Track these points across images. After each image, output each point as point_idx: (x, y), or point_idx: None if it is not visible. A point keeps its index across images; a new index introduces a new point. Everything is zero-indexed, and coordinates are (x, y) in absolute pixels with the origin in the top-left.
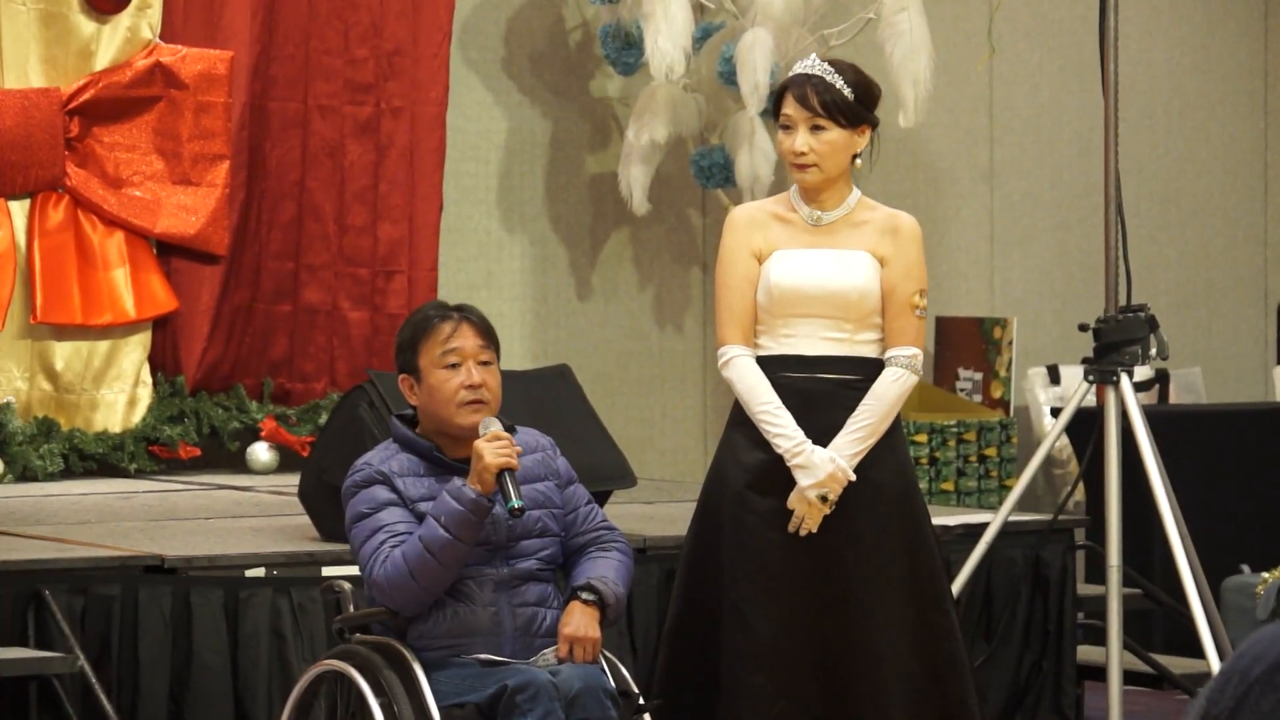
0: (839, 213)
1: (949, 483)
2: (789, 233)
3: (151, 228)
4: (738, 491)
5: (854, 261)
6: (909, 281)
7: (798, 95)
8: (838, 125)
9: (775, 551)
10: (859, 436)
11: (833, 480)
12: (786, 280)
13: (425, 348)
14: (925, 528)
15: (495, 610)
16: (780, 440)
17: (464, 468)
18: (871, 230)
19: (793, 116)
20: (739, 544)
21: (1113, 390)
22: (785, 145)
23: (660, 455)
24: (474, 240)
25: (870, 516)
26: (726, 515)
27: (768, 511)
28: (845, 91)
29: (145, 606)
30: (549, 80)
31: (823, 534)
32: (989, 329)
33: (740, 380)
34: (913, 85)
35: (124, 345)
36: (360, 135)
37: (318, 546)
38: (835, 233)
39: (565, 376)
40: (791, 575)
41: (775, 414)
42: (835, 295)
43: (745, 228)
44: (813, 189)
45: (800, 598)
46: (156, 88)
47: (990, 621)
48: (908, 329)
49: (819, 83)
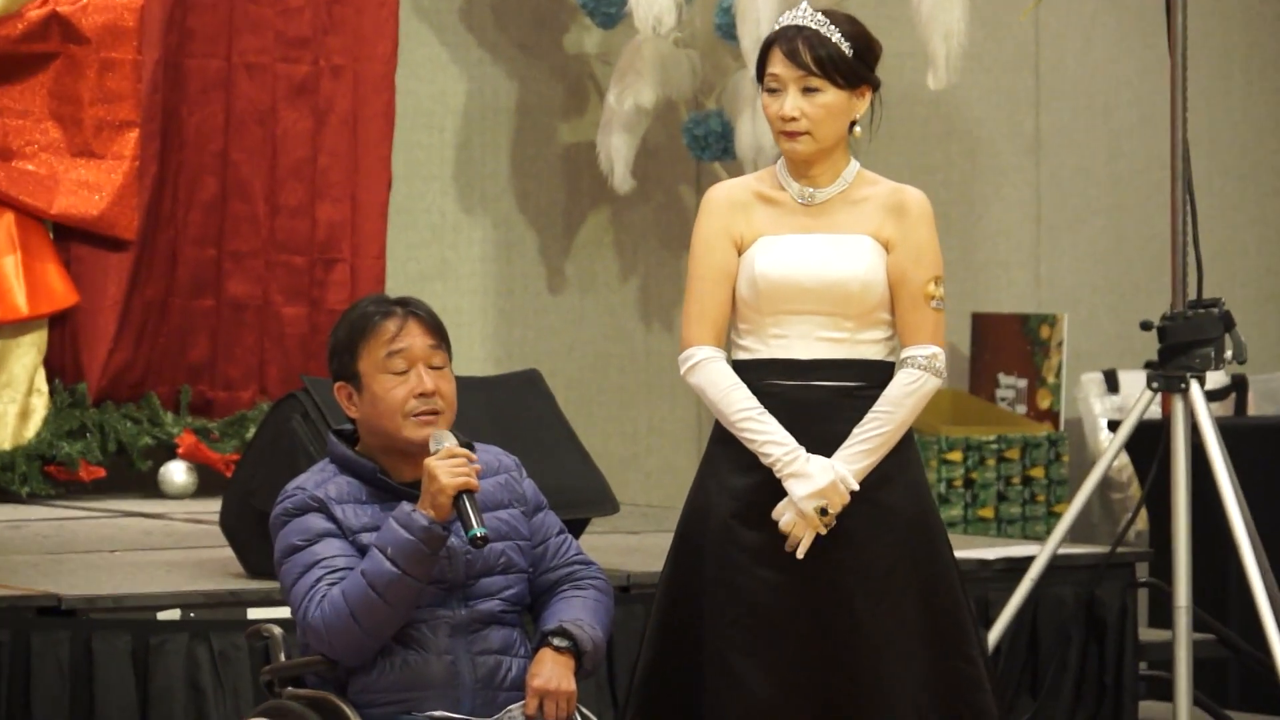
0: (834, 189)
1: (988, 509)
2: (776, 215)
3: (47, 208)
4: (723, 522)
5: (853, 247)
6: (921, 268)
7: (786, 50)
8: (834, 85)
9: (769, 593)
10: (866, 449)
11: (833, 491)
12: (775, 271)
13: (366, 350)
14: (945, 560)
15: (452, 659)
16: (769, 449)
17: (414, 492)
18: (873, 209)
19: (781, 76)
20: (725, 583)
21: (1181, 399)
22: (772, 109)
23: (646, 477)
24: (427, 223)
25: (879, 547)
26: (710, 550)
27: (759, 546)
28: (843, 46)
29: (39, 655)
30: (515, 34)
31: (825, 568)
32: (1035, 327)
33: (711, 386)
34: (944, 40)
35: (14, 347)
36: (294, 99)
37: (242, 584)
38: (830, 213)
39: (534, 383)
40: (789, 620)
41: (759, 419)
42: (832, 287)
43: (724, 210)
44: (804, 161)
45: (799, 646)
46: (52, 42)
47: (1036, 672)
48: (924, 324)
49: (811, 36)
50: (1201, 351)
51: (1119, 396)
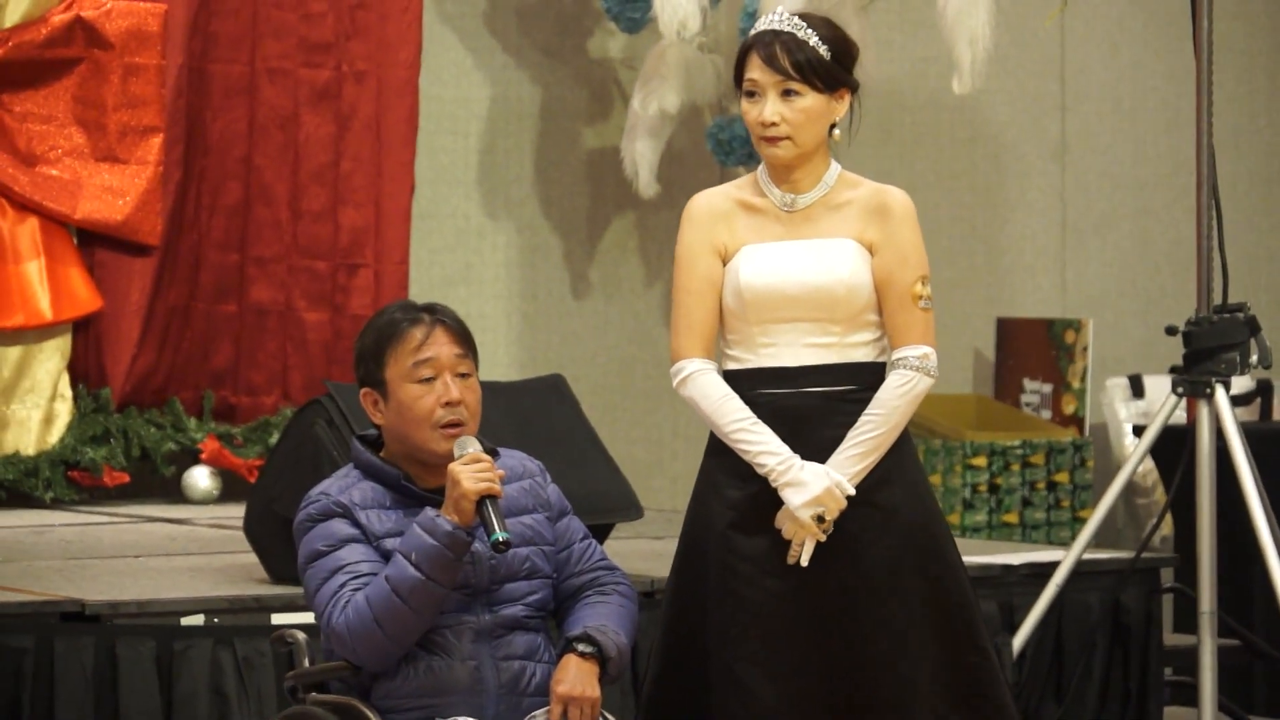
0: (815, 194)
1: (1013, 514)
2: (758, 223)
3: (71, 213)
4: (721, 533)
5: (836, 251)
6: (907, 269)
7: (764, 56)
8: (813, 89)
9: (773, 601)
10: (859, 452)
11: (829, 497)
12: (760, 280)
13: (392, 358)
14: (950, 557)
15: (476, 665)
16: (764, 459)
17: (438, 498)
18: (855, 212)
19: (759, 81)
20: (729, 593)
21: (1206, 405)
22: (752, 115)
23: (670, 482)
24: (451, 228)
25: (881, 549)
26: (712, 561)
27: (760, 554)
28: (820, 49)
29: (63, 661)
30: (539, 39)
31: (828, 573)
32: (1060, 332)
33: (703, 398)
34: (969, 44)
35: (38, 352)
36: (317, 104)
37: (266, 590)
38: (813, 219)
39: (558, 389)
40: (794, 627)
41: (752, 429)
42: (818, 293)
43: (706, 220)
44: (784, 166)
45: (805, 653)
46: (76, 47)
47: (1061, 678)
48: (914, 324)
49: (789, 39)
50: (1227, 356)
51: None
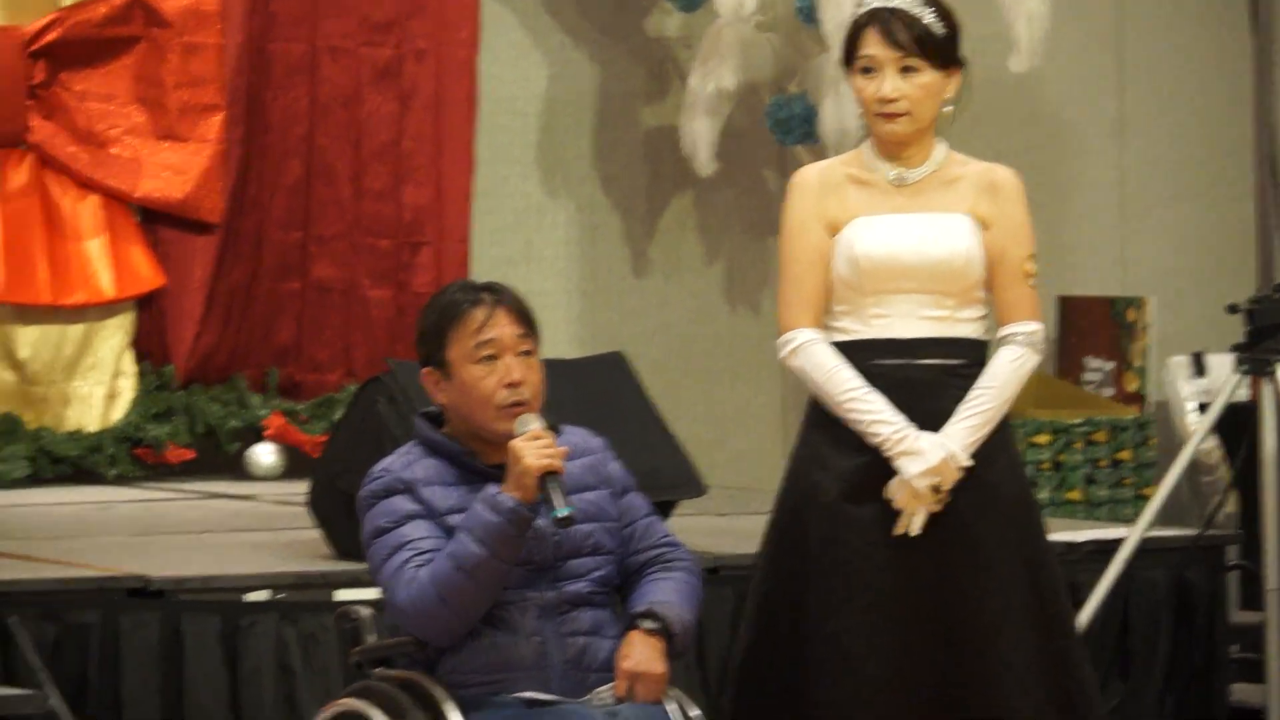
0: (926, 169)
1: (1076, 491)
2: (870, 196)
3: (132, 191)
4: (829, 504)
5: (952, 225)
6: (1018, 245)
7: (883, 31)
8: (930, 65)
9: (879, 572)
10: (974, 424)
11: (946, 467)
12: (878, 250)
13: (454, 338)
14: (1044, 538)
15: (540, 641)
16: (878, 428)
17: (500, 474)
18: (967, 188)
19: (877, 57)
20: (837, 564)
21: (1269, 383)
22: (869, 91)
23: (732, 459)
24: (511, 207)
25: (986, 524)
26: (815, 535)
27: (870, 522)
28: (936, 25)
29: (128, 636)
30: (597, 18)
31: (934, 547)
32: (1121, 310)
33: (815, 368)
34: (1027, 22)
35: (101, 329)
36: (378, 82)
37: (330, 566)
38: (924, 193)
39: (619, 366)
40: (900, 599)
41: (865, 398)
42: (937, 266)
43: (817, 192)
44: (899, 142)
45: (911, 625)
46: (136, 26)
47: (1127, 656)
48: (1024, 300)
49: (905, 15)
50: None
51: (1206, 379)
